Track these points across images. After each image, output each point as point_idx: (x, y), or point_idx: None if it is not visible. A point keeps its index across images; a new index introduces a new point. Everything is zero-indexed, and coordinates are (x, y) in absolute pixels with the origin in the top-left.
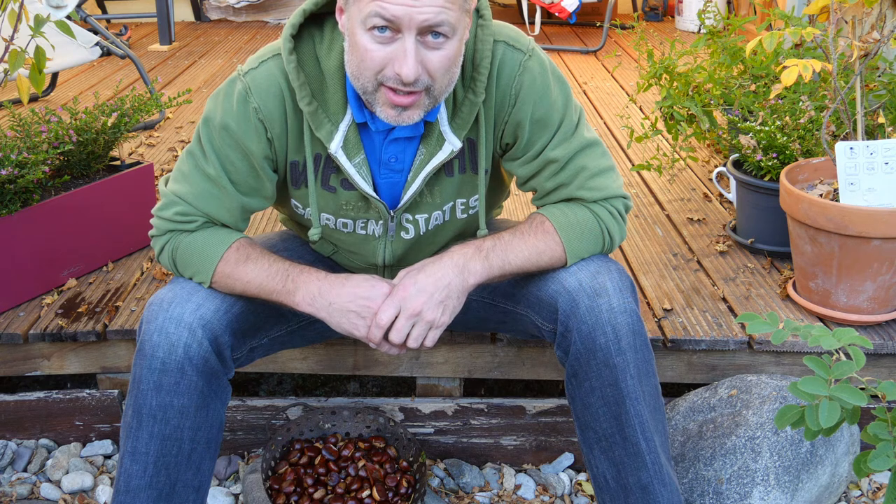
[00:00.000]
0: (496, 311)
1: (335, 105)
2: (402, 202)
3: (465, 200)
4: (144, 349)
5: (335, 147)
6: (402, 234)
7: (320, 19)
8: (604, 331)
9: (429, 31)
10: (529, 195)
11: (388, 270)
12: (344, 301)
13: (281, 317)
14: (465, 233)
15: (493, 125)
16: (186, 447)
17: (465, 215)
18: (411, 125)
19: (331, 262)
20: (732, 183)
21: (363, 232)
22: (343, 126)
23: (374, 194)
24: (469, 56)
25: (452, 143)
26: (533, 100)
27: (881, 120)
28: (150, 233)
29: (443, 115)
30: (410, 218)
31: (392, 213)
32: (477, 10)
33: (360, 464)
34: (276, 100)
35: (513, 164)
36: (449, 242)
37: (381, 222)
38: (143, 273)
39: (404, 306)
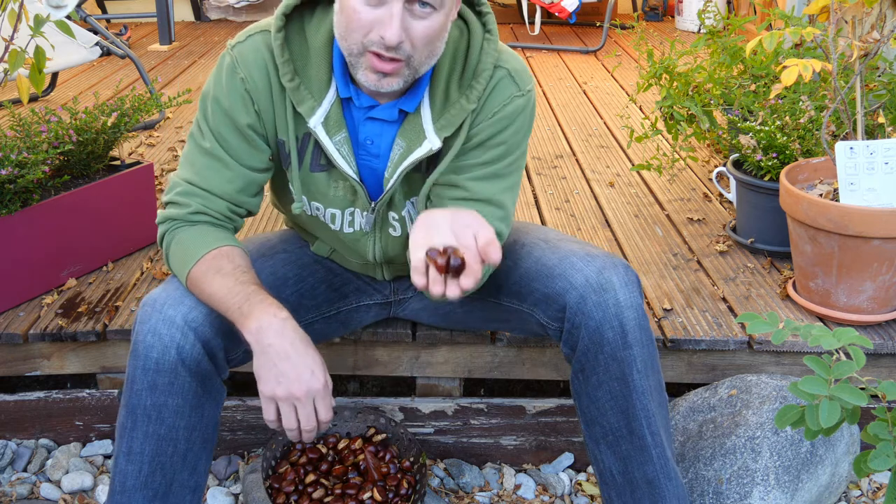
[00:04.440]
0: (501, 309)
1: (319, 82)
2: (384, 193)
3: None
4: (138, 349)
5: (315, 122)
6: (390, 230)
7: (313, 4)
8: (611, 325)
9: (417, 0)
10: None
11: (386, 268)
12: (280, 356)
13: None
14: None
15: (467, 135)
16: (182, 447)
17: None
18: (387, 110)
19: (330, 262)
20: (732, 183)
21: (350, 230)
22: (326, 102)
23: (352, 174)
24: (472, 63)
25: (432, 142)
26: (502, 126)
27: (881, 120)
28: (157, 220)
29: (426, 110)
30: (397, 216)
31: (373, 205)
32: (484, 25)
33: (361, 464)
34: (262, 73)
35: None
36: None
37: (366, 214)
38: (143, 273)
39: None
